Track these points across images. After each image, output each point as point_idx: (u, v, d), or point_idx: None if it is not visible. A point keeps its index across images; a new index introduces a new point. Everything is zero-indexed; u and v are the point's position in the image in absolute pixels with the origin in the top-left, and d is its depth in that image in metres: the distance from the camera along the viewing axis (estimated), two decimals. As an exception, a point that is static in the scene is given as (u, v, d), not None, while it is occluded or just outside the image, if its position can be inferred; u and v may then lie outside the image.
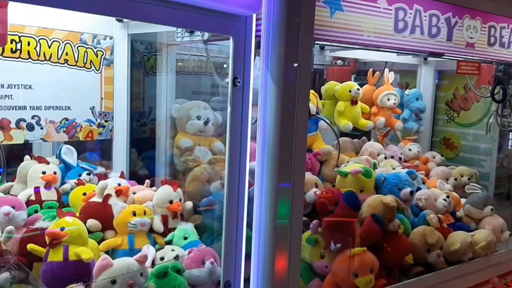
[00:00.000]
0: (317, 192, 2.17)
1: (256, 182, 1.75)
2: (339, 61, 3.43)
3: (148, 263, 1.58)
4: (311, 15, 1.62)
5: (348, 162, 2.55)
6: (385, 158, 2.88)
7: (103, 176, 2.05)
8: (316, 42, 1.69)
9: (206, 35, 1.72)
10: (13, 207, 1.65)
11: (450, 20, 2.17)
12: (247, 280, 1.81)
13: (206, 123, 2.20)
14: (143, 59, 2.40)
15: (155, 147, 2.37)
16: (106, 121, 2.22)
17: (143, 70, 2.41)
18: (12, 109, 1.94)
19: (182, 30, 1.79)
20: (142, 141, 2.44)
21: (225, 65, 2.28)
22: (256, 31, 1.66)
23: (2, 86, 1.90)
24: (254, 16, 1.64)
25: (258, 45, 1.70)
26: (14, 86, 1.93)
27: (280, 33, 1.58)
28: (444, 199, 2.46)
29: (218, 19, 1.57)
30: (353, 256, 2.00)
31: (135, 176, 2.27)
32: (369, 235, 2.08)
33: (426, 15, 2.07)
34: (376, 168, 2.53)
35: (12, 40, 1.88)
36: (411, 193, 2.33)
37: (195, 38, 1.75)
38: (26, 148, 2.16)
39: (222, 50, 2.20)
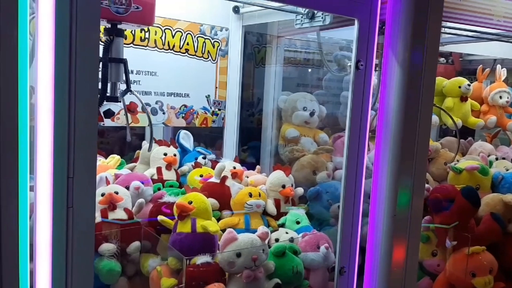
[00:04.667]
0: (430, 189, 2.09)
1: (374, 171, 1.73)
2: (441, 59, 3.30)
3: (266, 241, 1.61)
4: (441, -4, 1.58)
5: (458, 160, 2.43)
6: (496, 159, 2.70)
7: (215, 162, 2.12)
8: (444, 24, 1.63)
9: (328, 20, 1.72)
10: (142, 183, 1.76)
11: None
12: (359, 268, 1.78)
13: (312, 114, 2.22)
14: (254, 51, 2.47)
15: (261, 137, 2.42)
16: (219, 109, 2.31)
17: (254, 61, 2.48)
18: (139, 94, 2.08)
19: (302, 17, 1.81)
20: (250, 131, 2.51)
21: (334, 55, 2.28)
22: (380, 14, 1.64)
23: (132, 72, 2.04)
24: (380, -2, 1.62)
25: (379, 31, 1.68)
26: (142, 72, 2.08)
27: (408, 13, 1.55)
28: None
29: (344, 1, 1.57)
30: (471, 255, 1.89)
31: (242, 164, 2.32)
32: (488, 234, 1.96)
33: (561, -1, 1.92)
34: (492, 167, 2.38)
35: (141, 29, 2.03)
36: (533, 193, 2.16)
37: (316, 24, 1.76)
38: (139, 132, 2.30)
39: (330, 42, 2.21)
